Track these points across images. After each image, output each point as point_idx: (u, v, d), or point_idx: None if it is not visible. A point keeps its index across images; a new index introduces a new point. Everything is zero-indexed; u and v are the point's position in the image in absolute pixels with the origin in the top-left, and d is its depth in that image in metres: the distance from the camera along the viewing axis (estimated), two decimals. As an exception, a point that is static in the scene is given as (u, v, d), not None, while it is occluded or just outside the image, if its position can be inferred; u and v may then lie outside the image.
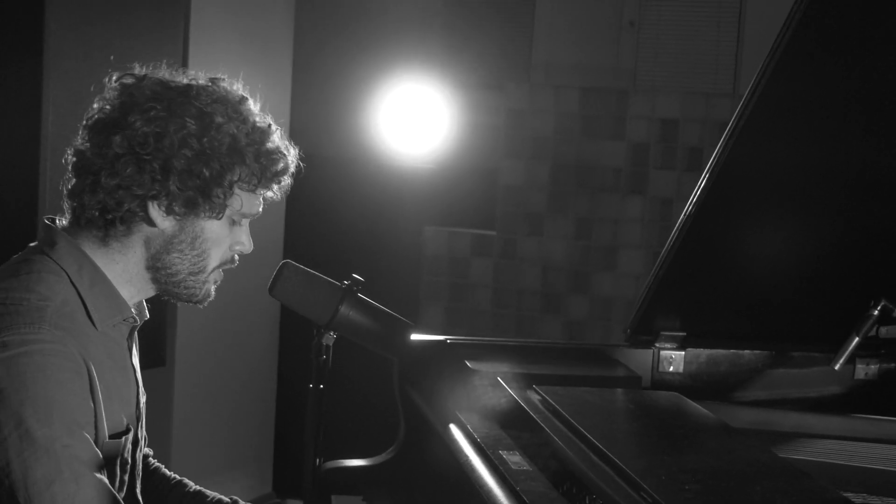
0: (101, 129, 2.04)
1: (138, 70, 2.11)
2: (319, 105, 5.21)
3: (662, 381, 2.71)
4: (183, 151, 2.00)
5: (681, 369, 2.73)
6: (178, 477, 2.44)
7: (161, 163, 2.00)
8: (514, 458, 2.05)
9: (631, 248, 4.73)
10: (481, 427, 2.27)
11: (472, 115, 5.04)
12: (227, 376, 4.72)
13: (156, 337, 3.97)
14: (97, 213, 2.03)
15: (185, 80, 2.09)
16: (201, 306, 2.18)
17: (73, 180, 2.07)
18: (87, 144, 2.05)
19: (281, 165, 2.12)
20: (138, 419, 2.17)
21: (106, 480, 1.92)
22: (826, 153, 2.46)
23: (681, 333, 2.73)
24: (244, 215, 2.13)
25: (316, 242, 5.16)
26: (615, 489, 1.82)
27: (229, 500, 2.34)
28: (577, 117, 4.75)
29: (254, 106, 2.14)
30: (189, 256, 2.09)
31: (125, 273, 2.09)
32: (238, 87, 2.15)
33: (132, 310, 2.12)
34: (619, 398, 2.38)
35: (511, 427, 2.29)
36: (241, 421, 4.86)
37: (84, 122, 2.08)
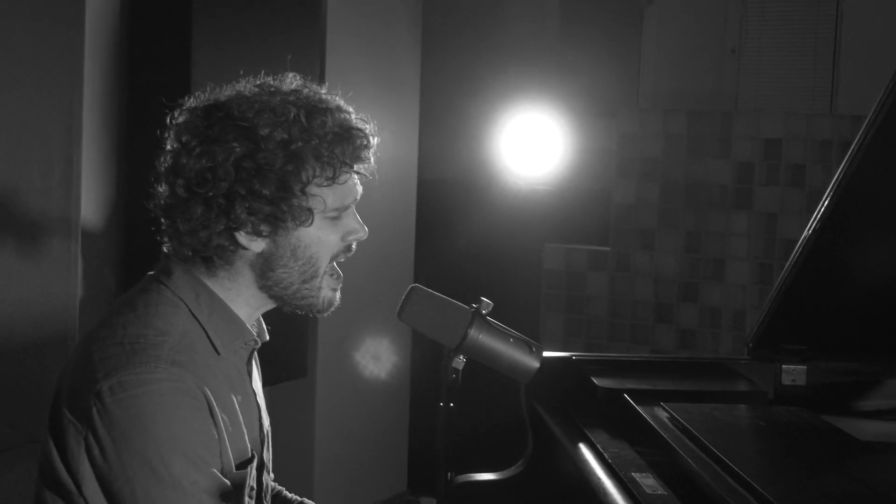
0: (166, 176, 1.77)
1: (189, 102, 1.80)
2: (445, 134, 5.02)
3: (785, 395, 2.39)
4: (240, 175, 1.70)
5: (803, 382, 2.41)
6: (299, 498, 2.18)
7: (224, 194, 1.71)
8: (647, 482, 1.77)
9: (737, 260, 4.43)
10: (611, 445, 1.99)
11: (585, 140, 4.81)
12: (364, 382, 4.50)
13: (296, 349, 3.77)
14: (191, 254, 1.77)
15: (225, 96, 1.78)
16: (324, 315, 1.87)
17: (163, 223, 1.81)
18: (161, 189, 1.78)
19: (353, 142, 1.77)
20: (262, 443, 1.92)
21: None
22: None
23: (803, 346, 2.42)
24: (339, 209, 1.80)
25: (444, 260, 4.97)
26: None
27: None
28: (685, 138, 4.47)
29: (311, 90, 1.80)
30: (295, 268, 1.79)
31: (240, 296, 1.82)
32: (291, 81, 1.81)
33: (253, 332, 1.87)
34: (747, 415, 2.08)
35: (640, 445, 2.01)
36: (377, 423, 4.64)
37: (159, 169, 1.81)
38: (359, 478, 4.52)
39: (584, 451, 1.99)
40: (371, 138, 1.81)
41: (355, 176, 1.82)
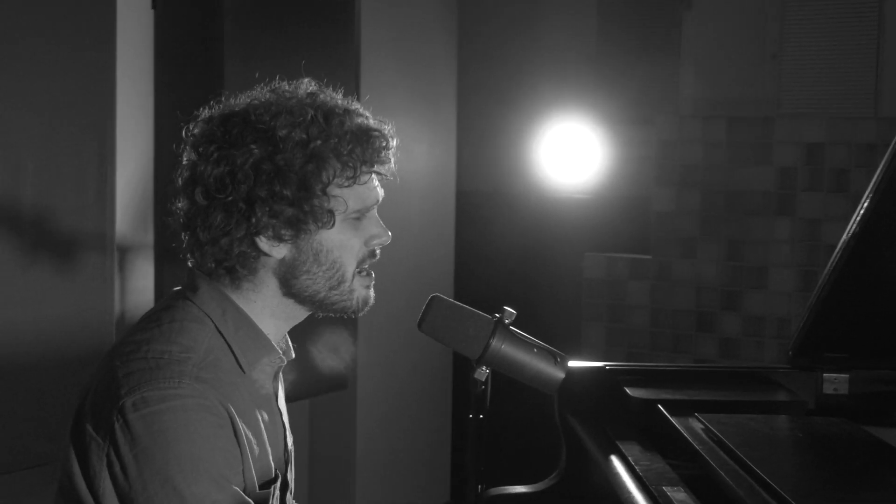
0: (184, 188, 1.71)
1: (204, 114, 1.75)
2: (483, 144, 4.97)
3: (826, 405, 2.30)
4: (259, 178, 1.64)
5: (846, 391, 2.32)
6: None
7: (244, 198, 1.65)
8: (679, 496, 1.69)
9: (781, 268, 4.32)
10: (643, 458, 1.92)
11: (624, 147, 4.73)
12: (405, 392, 4.45)
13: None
14: (214, 266, 1.72)
15: (241, 103, 1.72)
16: (360, 314, 1.79)
17: (183, 237, 1.76)
18: (180, 203, 1.73)
19: (373, 144, 1.71)
20: (286, 462, 1.86)
21: None
22: None
23: (844, 354, 2.32)
24: (360, 210, 1.73)
25: (483, 271, 4.91)
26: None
27: None
28: (725, 145, 4.38)
29: (328, 95, 1.74)
30: (320, 273, 1.72)
31: (266, 308, 1.75)
32: (306, 85, 1.75)
33: (278, 350, 1.81)
34: (785, 426, 1.99)
35: (673, 458, 1.93)
36: (420, 434, 4.59)
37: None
38: (402, 489, 4.47)
39: (616, 463, 1.91)
40: (390, 139, 1.76)
41: (376, 179, 1.77)
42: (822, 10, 4.46)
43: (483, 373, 1.72)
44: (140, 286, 3.26)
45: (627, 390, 2.19)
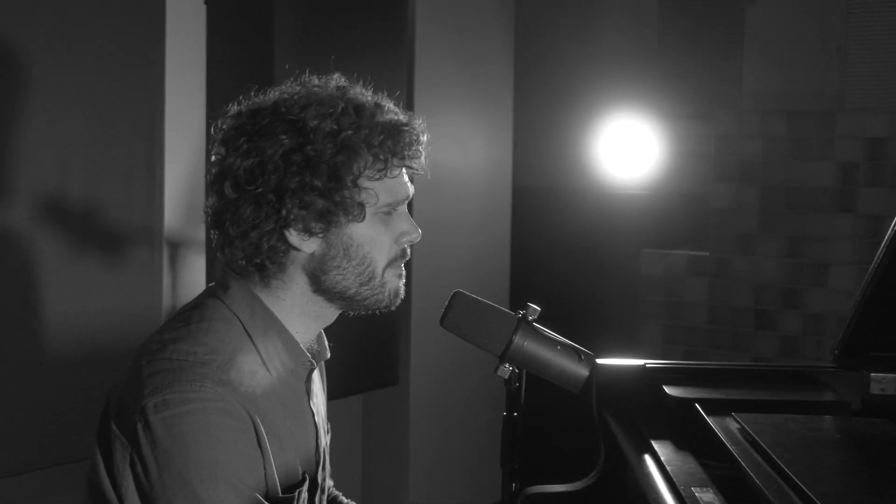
0: (213, 183, 1.70)
1: (233, 109, 1.73)
2: (539, 140, 4.92)
3: (873, 405, 2.21)
4: (290, 169, 1.63)
5: (893, 392, 2.24)
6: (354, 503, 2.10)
7: (274, 189, 1.63)
8: (706, 497, 1.64)
9: (842, 265, 4.21)
10: (675, 458, 1.87)
11: (682, 143, 4.67)
12: (459, 389, 4.42)
13: (387, 358, 3.71)
14: (244, 263, 1.70)
15: (271, 96, 1.71)
16: (392, 308, 1.77)
17: (213, 234, 1.75)
18: (210, 199, 1.72)
19: (403, 138, 1.69)
20: (318, 463, 1.84)
21: None
22: None
23: (893, 353, 2.24)
24: (391, 204, 1.71)
25: (540, 268, 4.87)
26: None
27: None
28: (785, 140, 4.28)
29: (358, 90, 1.72)
30: (349, 268, 1.70)
31: (295, 307, 1.74)
32: (336, 80, 1.74)
33: (307, 353, 1.78)
34: (825, 426, 1.93)
35: (707, 458, 1.88)
36: (474, 430, 4.56)
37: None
38: (455, 485, 4.45)
39: (648, 463, 1.87)
40: (420, 134, 1.73)
41: (406, 175, 1.74)
42: (888, 2, 4.35)
43: (506, 370, 1.69)
44: (191, 281, 3.27)
45: (666, 389, 2.15)
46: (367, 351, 3.60)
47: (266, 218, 1.66)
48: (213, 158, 1.73)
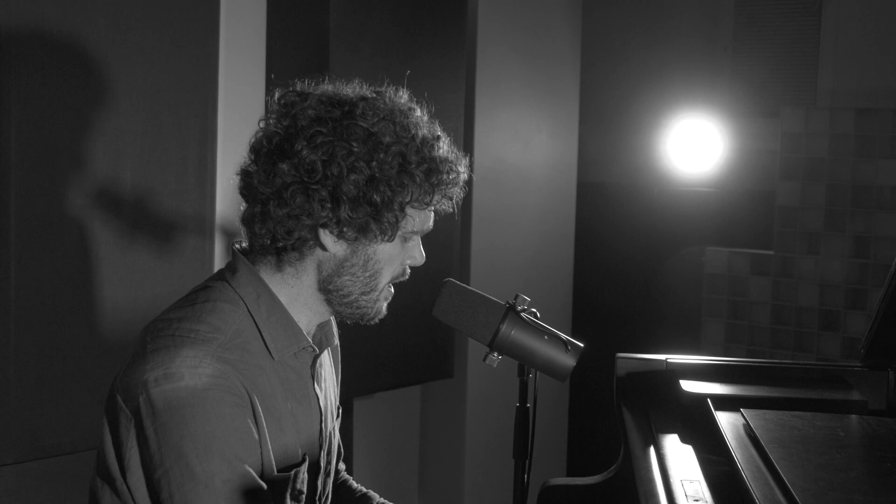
0: (268, 156, 1.73)
1: (301, 87, 1.78)
2: (605, 136, 4.90)
3: (899, 405, 2.18)
4: (352, 177, 1.68)
5: (919, 392, 2.19)
6: (363, 489, 2.13)
7: (330, 190, 1.68)
8: (691, 489, 1.63)
9: (912, 266, 4.10)
10: (675, 451, 1.86)
11: (748, 140, 4.59)
12: (514, 382, 4.41)
13: (443, 350, 3.73)
14: (269, 241, 1.74)
15: (351, 94, 1.74)
16: (372, 323, 1.84)
17: (244, 206, 1.80)
18: (254, 168, 1.76)
19: (452, 178, 1.76)
20: (321, 447, 1.88)
21: None
22: None
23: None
24: (417, 232, 1.79)
25: (604, 263, 4.84)
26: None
27: None
28: (852, 138, 4.18)
29: (420, 114, 1.77)
30: (361, 278, 1.77)
31: (299, 297, 1.79)
32: (403, 96, 1.78)
33: (309, 339, 1.83)
34: (833, 425, 1.89)
35: (710, 453, 1.87)
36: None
37: (250, 142, 1.80)
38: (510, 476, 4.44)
39: (649, 455, 1.86)
40: (461, 174, 1.79)
41: (437, 209, 1.80)
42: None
43: (494, 358, 1.70)
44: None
45: (682, 384, 2.13)
46: (422, 344, 3.62)
47: (312, 212, 1.70)
48: (265, 127, 1.77)
